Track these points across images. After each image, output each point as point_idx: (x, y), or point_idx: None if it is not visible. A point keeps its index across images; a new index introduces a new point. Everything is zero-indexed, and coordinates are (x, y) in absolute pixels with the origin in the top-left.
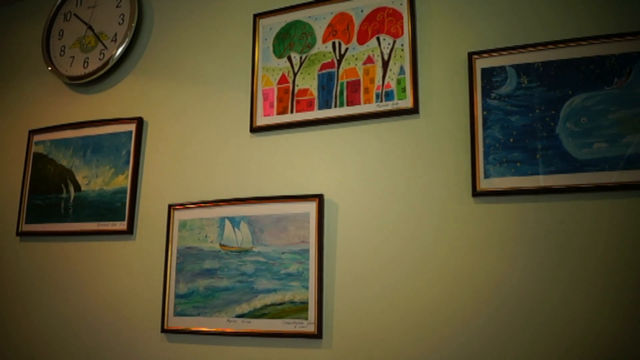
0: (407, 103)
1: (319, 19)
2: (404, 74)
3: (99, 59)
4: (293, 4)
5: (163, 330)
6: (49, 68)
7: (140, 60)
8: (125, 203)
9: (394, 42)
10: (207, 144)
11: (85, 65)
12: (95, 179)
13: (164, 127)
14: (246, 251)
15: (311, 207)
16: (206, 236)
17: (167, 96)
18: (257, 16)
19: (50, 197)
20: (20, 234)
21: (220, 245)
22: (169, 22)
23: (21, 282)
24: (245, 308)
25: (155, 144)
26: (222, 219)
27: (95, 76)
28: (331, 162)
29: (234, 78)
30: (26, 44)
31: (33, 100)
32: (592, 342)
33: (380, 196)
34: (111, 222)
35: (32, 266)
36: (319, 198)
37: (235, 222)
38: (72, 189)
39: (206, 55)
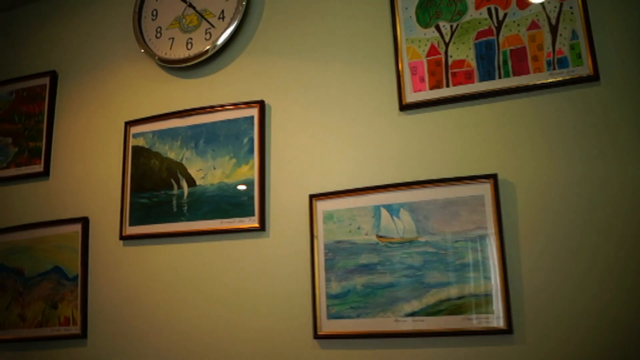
0: (585, 70)
1: None
2: (578, 38)
3: (205, 39)
4: None
5: (316, 336)
6: (143, 51)
7: (253, 39)
8: (253, 196)
9: (561, 4)
10: (348, 126)
11: (189, 46)
12: (212, 171)
13: (291, 110)
14: (410, 242)
15: (485, 189)
16: (359, 227)
17: (291, 76)
18: None
19: (158, 194)
20: (125, 237)
21: (378, 236)
22: None
23: (131, 292)
24: (415, 305)
25: (282, 129)
26: (377, 208)
27: (202, 58)
28: (500, 139)
29: (373, 52)
30: (115, 27)
31: (127, 88)
32: None
33: (562, 173)
34: (238, 219)
35: (141, 273)
36: (494, 178)
37: (393, 210)
38: (184, 184)
39: (336, 30)
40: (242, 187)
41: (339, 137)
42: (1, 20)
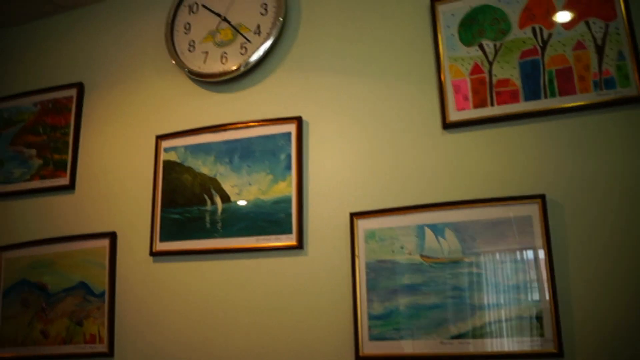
0: (633, 91)
1: (511, 2)
2: (625, 59)
3: (241, 54)
4: None
5: (357, 358)
6: (175, 62)
7: (289, 54)
8: (291, 214)
9: (607, 25)
10: (390, 143)
11: (224, 60)
12: (247, 187)
13: (329, 127)
14: (456, 262)
15: (532, 210)
16: (402, 247)
17: (329, 92)
18: (434, 1)
19: (191, 210)
20: (155, 254)
21: (422, 256)
22: (321, 11)
23: (161, 309)
24: (462, 327)
25: (320, 146)
26: (421, 227)
27: (238, 72)
28: (547, 159)
29: (414, 69)
30: (145, 40)
31: (158, 101)
32: None
33: (611, 194)
34: (275, 236)
35: (171, 290)
36: (542, 198)
37: (437, 229)
38: (218, 200)
39: (375, 46)
40: (279, 204)
41: (380, 155)
42: (27, 31)
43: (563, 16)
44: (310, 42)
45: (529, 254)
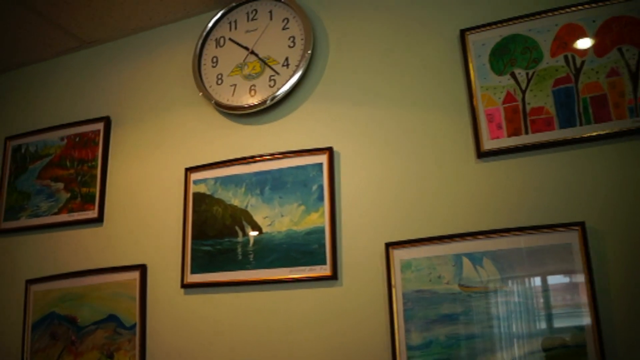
0: None
1: (542, 31)
2: None
3: (270, 86)
4: (504, 17)
5: None
6: (202, 94)
7: (318, 85)
8: (324, 244)
9: None
10: (423, 173)
11: (253, 93)
12: (279, 218)
13: (361, 157)
14: (495, 291)
15: (572, 237)
16: (439, 277)
17: (360, 123)
18: (464, 32)
19: (222, 241)
20: (186, 285)
21: (460, 286)
22: (348, 42)
23: (193, 341)
24: (502, 358)
25: (352, 176)
26: (458, 256)
27: (267, 105)
28: (585, 186)
29: (445, 99)
30: (172, 74)
31: (186, 134)
32: None
33: None
34: (308, 267)
35: (203, 322)
36: (581, 226)
37: (475, 258)
38: (250, 231)
39: (405, 76)
40: (311, 235)
41: (413, 185)
42: (53, 67)
43: (595, 44)
44: (339, 73)
45: (570, 281)
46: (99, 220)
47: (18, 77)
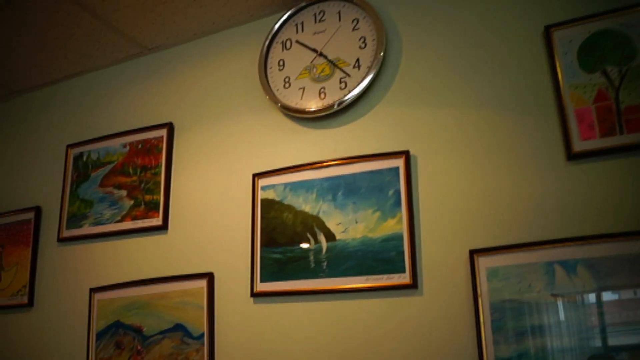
0: None
1: (635, 26)
2: None
3: (340, 89)
4: (593, 12)
5: None
6: (269, 98)
7: (392, 87)
8: (402, 252)
9: None
10: (509, 177)
11: (322, 96)
12: (354, 225)
13: (439, 161)
14: (590, 301)
15: None
16: (529, 285)
17: (437, 125)
18: (549, 28)
19: (293, 249)
20: (256, 294)
21: (552, 295)
22: (423, 41)
23: (263, 351)
24: None
25: (431, 181)
26: (550, 264)
27: (338, 108)
28: None
29: (529, 99)
30: (236, 79)
31: (253, 139)
32: None
33: None
34: (386, 275)
35: (274, 332)
36: None
37: (568, 266)
38: (322, 238)
39: (483, 76)
40: (388, 242)
41: (498, 189)
42: (114, 73)
43: None
44: (414, 74)
45: None
46: (164, 227)
47: (79, 85)
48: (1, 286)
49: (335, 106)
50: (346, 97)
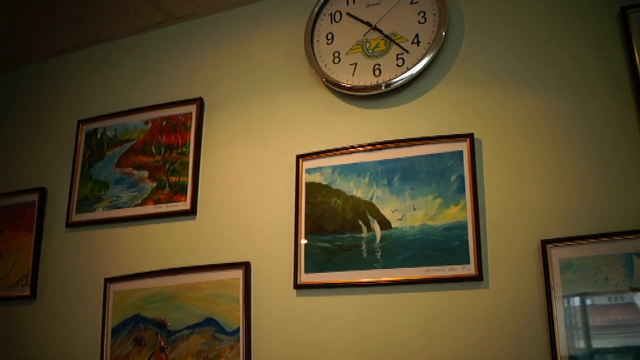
0: None
1: None
2: None
3: (397, 65)
4: None
5: None
6: (314, 73)
7: (453, 66)
8: (467, 241)
9: None
10: (584, 164)
11: (377, 73)
12: (412, 212)
13: (506, 145)
14: None
15: None
16: (606, 278)
17: (503, 107)
18: (626, 9)
19: (343, 237)
20: (300, 286)
21: (631, 289)
22: (487, 17)
23: (308, 349)
24: None
25: (497, 166)
26: (628, 256)
27: (395, 86)
28: None
29: (602, 81)
30: (278, 51)
31: (297, 118)
32: None
33: None
34: (449, 267)
35: (322, 328)
36: None
37: None
38: (376, 226)
39: (553, 59)
40: (451, 231)
41: (572, 176)
42: (137, 43)
43: None
44: (478, 52)
45: None
46: (192, 212)
47: (94, 55)
48: None
49: (393, 84)
50: (404, 75)
